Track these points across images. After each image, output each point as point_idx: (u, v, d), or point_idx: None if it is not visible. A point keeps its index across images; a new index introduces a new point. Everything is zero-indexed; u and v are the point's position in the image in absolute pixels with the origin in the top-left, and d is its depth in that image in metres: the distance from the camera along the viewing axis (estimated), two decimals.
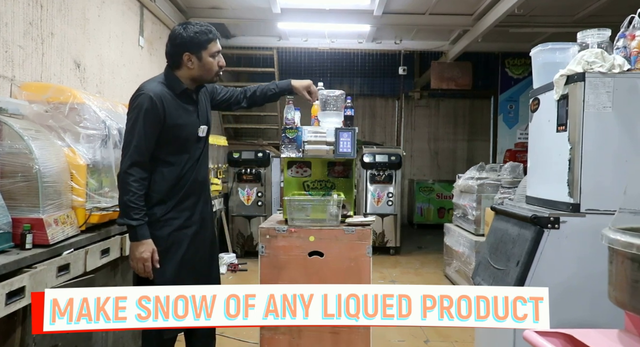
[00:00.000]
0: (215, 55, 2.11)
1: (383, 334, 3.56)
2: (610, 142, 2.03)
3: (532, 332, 1.51)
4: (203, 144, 2.21)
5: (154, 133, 2.01)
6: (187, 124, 2.11)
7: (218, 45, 2.12)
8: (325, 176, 2.58)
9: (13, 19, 2.70)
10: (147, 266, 2.00)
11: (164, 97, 2.03)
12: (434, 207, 9.06)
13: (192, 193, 2.15)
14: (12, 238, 1.94)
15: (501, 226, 2.44)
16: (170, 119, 2.03)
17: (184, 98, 2.11)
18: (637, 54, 2.03)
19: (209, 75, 2.12)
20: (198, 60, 2.07)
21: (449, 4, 5.76)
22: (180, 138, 2.08)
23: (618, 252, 1.35)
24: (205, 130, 2.19)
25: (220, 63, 2.13)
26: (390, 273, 5.58)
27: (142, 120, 1.98)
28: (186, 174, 2.12)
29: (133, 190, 1.96)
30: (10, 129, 2.05)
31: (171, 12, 5.40)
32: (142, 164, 2.00)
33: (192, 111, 2.14)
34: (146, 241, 1.99)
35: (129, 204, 1.96)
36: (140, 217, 1.98)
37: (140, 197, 1.98)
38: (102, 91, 3.89)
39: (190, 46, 2.05)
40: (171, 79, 2.10)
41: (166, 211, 2.08)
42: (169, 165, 2.08)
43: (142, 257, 1.98)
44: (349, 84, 9.57)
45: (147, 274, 2.02)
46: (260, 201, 6.21)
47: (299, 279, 2.36)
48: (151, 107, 1.99)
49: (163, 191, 2.07)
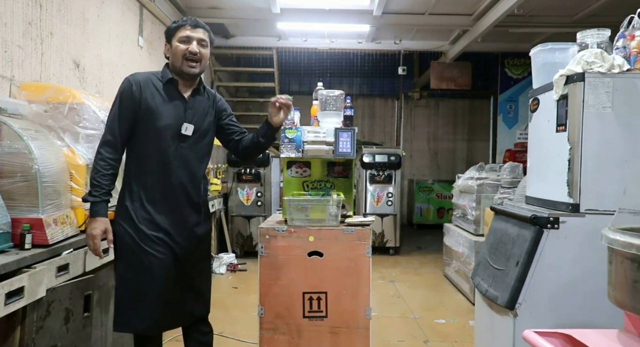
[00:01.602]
0: (184, 40, 2.07)
1: (382, 335, 3.55)
2: (610, 143, 2.03)
3: (531, 332, 1.51)
4: (189, 145, 2.11)
5: (127, 115, 2.04)
6: (165, 115, 2.06)
7: (188, 31, 2.07)
8: (325, 176, 2.58)
9: (12, 18, 2.70)
10: (95, 243, 1.98)
11: (145, 84, 2.07)
12: (433, 207, 9.07)
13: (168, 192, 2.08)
14: (11, 238, 1.94)
15: (501, 226, 2.45)
16: (145, 103, 2.04)
17: (170, 90, 2.11)
18: (636, 54, 2.04)
19: (177, 60, 2.08)
20: (171, 47, 2.12)
21: (449, 4, 5.76)
22: (155, 128, 2.04)
23: (617, 253, 1.35)
24: (190, 129, 2.10)
25: (190, 49, 2.06)
26: (389, 273, 5.58)
27: (118, 102, 2.05)
28: (161, 169, 2.06)
29: (98, 168, 2.00)
30: (10, 129, 2.04)
31: (171, 12, 5.40)
32: (113, 144, 2.03)
33: (177, 105, 2.10)
34: (99, 219, 1.98)
35: (92, 181, 2.00)
36: (99, 194, 1.98)
37: (105, 176, 1.99)
38: (102, 91, 3.89)
39: (166, 37, 2.14)
40: (163, 71, 2.15)
41: (137, 205, 2.05)
42: (144, 155, 2.06)
43: (91, 234, 1.98)
44: (349, 84, 9.57)
45: (95, 252, 2.01)
46: (260, 201, 6.21)
47: (299, 279, 2.37)
48: (128, 89, 2.05)
49: (135, 181, 2.06)
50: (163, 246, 2.05)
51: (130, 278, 2.03)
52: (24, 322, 1.85)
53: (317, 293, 2.37)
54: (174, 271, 2.08)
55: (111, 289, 2.55)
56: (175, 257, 2.08)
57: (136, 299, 2.01)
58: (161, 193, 2.07)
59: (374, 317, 2.44)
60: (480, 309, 2.48)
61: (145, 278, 2.02)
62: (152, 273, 2.02)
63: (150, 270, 2.02)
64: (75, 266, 2.17)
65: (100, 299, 2.43)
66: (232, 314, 3.98)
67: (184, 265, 2.12)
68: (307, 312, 2.37)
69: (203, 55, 2.11)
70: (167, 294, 2.05)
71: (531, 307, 2.02)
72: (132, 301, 2.02)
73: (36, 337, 1.90)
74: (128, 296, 2.03)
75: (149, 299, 2.01)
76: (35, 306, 1.89)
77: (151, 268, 2.02)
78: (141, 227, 2.03)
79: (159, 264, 2.03)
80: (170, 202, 2.08)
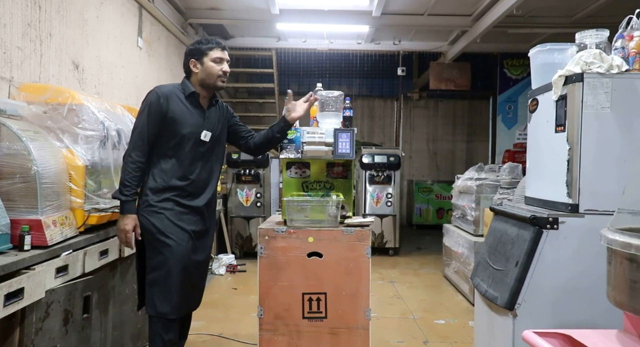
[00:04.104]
0: (217, 61, 2.34)
1: (382, 335, 3.55)
2: (609, 143, 2.03)
3: (531, 333, 1.51)
4: (207, 149, 2.38)
5: (155, 123, 2.28)
6: (189, 124, 2.32)
7: (219, 52, 2.36)
8: (324, 177, 2.58)
9: (11, 20, 2.70)
10: (128, 237, 2.24)
11: (170, 96, 2.31)
12: (433, 208, 9.07)
13: (193, 189, 2.33)
14: (10, 239, 1.94)
15: (500, 226, 2.45)
16: (172, 113, 2.29)
17: (192, 101, 2.36)
18: (635, 54, 2.04)
19: (211, 78, 2.35)
20: (201, 65, 2.35)
21: (448, 5, 5.77)
22: (178, 134, 2.30)
23: (617, 253, 1.36)
24: (208, 136, 2.36)
25: (223, 69, 2.35)
26: (389, 274, 5.58)
27: (147, 111, 2.28)
28: (185, 170, 2.31)
29: (129, 170, 2.24)
30: (9, 130, 2.04)
31: (170, 13, 5.40)
32: (142, 148, 2.27)
33: (197, 115, 2.36)
34: (130, 215, 2.24)
35: (123, 181, 2.24)
36: (130, 194, 2.24)
37: (134, 177, 2.24)
38: (101, 92, 3.89)
39: (194, 53, 2.37)
40: (184, 84, 2.39)
41: (161, 199, 2.28)
42: (168, 158, 2.31)
43: (123, 229, 2.24)
44: (348, 84, 9.58)
45: (128, 245, 2.28)
46: (259, 202, 6.21)
47: (298, 280, 2.37)
48: (155, 100, 2.29)
49: (160, 180, 2.29)
50: (182, 233, 2.28)
51: (154, 264, 2.25)
52: (23, 324, 1.85)
53: (316, 294, 2.37)
54: (191, 256, 2.31)
55: (111, 290, 2.55)
56: (192, 243, 2.32)
57: (164, 283, 2.24)
58: (181, 189, 2.30)
59: (373, 317, 2.44)
60: (479, 309, 2.48)
61: (166, 263, 2.24)
62: (172, 258, 2.24)
63: (171, 254, 2.24)
64: (74, 267, 2.17)
65: (100, 301, 2.43)
66: (231, 315, 3.98)
67: (198, 252, 2.37)
68: (306, 313, 2.37)
69: (228, 73, 2.43)
70: (189, 278, 2.30)
71: (531, 308, 2.02)
72: (162, 285, 2.24)
73: (35, 339, 1.90)
74: (157, 281, 2.25)
75: (175, 284, 2.25)
76: (34, 307, 1.89)
77: (172, 252, 2.24)
78: (162, 216, 2.26)
79: (179, 249, 2.25)
80: (189, 197, 2.32)
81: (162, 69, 5.38)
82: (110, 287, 2.55)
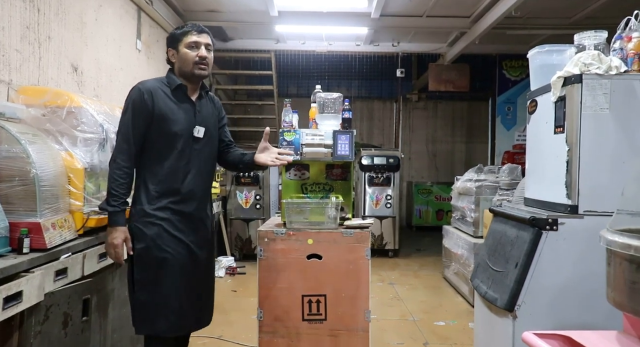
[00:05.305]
0: (192, 45, 2.14)
1: (382, 337, 3.55)
2: (608, 144, 2.03)
3: (531, 334, 1.51)
4: (202, 146, 2.19)
5: (140, 123, 2.08)
6: (179, 120, 2.12)
7: (194, 37, 2.14)
8: (324, 179, 2.58)
9: (10, 22, 2.70)
10: (117, 252, 2.05)
11: (155, 91, 2.11)
12: (432, 210, 9.07)
13: (190, 192, 2.15)
14: (9, 242, 1.93)
15: (499, 227, 2.45)
16: (159, 110, 2.09)
17: (179, 95, 2.17)
18: (633, 55, 2.04)
19: (187, 66, 2.15)
20: (177, 53, 2.17)
21: (446, 7, 5.78)
22: (170, 133, 2.11)
23: (616, 254, 1.35)
24: (202, 131, 2.18)
25: (199, 54, 2.14)
26: (389, 276, 5.58)
27: (130, 110, 2.09)
28: (180, 172, 2.12)
29: (115, 177, 2.04)
30: (8, 133, 2.04)
31: (168, 15, 5.41)
32: (128, 152, 2.06)
33: (187, 109, 2.17)
34: (120, 228, 2.04)
35: (110, 190, 2.04)
36: (118, 204, 2.03)
37: (122, 185, 2.04)
38: (100, 95, 3.89)
39: (170, 42, 2.20)
40: (169, 77, 2.20)
41: (157, 207, 2.09)
42: (160, 160, 2.11)
43: (112, 243, 2.04)
44: (347, 86, 9.58)
45: (117, 260, 2.07)
46: (259, 204, 6.21)
47: (298, 282, 2.36)
48: (138, 98, 2.08)
49: (151, 183, 2.10)
50: (180, 245, 2.11)
51: (148, 279, 2.07)
52: (22, 327, 1.85)
53: (316, 296, 2.37)
54: (191, 270, 2.14)
55: (110, 292, 2.55)
56: (192, 256, 2.14)
57: (157, 300, 2.06)
58: (177, 194, 2.12)
59: (373, 319, 2.44)
60: (479, 311, 2.48)
61: (163, 278, 2.06)
62: (169, 273, 2.07)
63: (168, 269, 2.07)
64: (73, 270, 2.16)
65: (99, 303, 2.42)
66: (231, 318, 3.97)
67: (200, 264, 2.18)
68: (306, 315, 2.36)
69: (210, 59, 2.20)
70: (186, 293, 2.11)
71: (530, 309, 2.02)
72: (153, 302, 2.06)
73: (34, 342, 1.89)
74: (148, 297, 2.06)
75: (171, 299, 2.06)
76: (33, 310, 1.88)
77: (169, 267, 2.07)
78: (158, 227, 2.08)
79: (177, 264, 2.08)
80: (186, 202, 2.14)
81: (161, 72, 5.37)
82: (110, 290, 2.54)
